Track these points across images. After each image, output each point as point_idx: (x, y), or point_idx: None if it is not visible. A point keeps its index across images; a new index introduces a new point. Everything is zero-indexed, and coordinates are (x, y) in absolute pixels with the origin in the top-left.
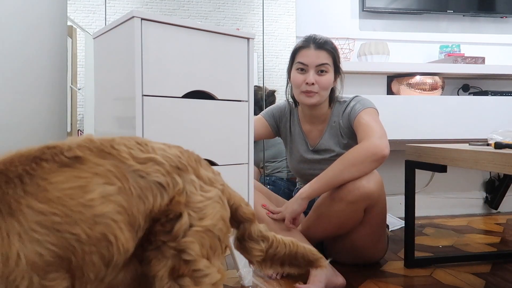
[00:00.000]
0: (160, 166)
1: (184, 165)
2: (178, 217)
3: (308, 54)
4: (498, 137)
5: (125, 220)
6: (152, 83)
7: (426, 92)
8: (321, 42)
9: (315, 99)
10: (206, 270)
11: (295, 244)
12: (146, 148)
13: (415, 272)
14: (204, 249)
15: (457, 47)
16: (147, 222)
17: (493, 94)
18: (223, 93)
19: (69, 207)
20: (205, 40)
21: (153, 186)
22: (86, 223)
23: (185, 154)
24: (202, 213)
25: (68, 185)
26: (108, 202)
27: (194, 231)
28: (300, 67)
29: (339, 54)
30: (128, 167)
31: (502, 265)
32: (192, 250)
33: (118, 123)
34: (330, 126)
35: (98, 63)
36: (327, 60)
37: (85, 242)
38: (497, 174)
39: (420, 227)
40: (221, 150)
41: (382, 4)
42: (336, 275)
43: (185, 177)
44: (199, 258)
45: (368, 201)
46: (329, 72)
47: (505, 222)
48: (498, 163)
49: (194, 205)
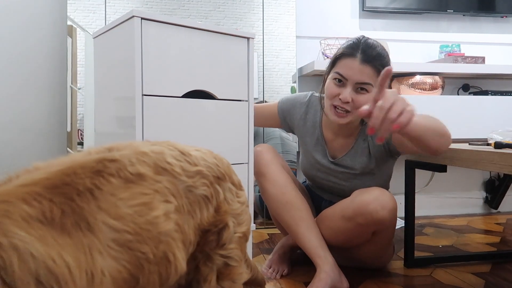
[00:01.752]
0: (205, 178)
1: (222, 174)
2: (225, 226)
3: (351, 67)
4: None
5: (180, 238)
6: (152, 82)
7: (426, 91)
8: (371, 55)
9: (346, 120)
10: (244, 272)
11: None
12: (191, 159)
13: (415, 271)
14: (243, 253)
15: (457, 47)
16: (197, 236)
17: (493, 93)
18: (223, 93)
19: (138, 224)
20: (205, 39)
21: (200, 199)
22: (153, 241)
23: (220, 162)
24: (240, 219)
25: (135, 201)
26: (169, 220)
27: (237, 237)
28: (337, 77)
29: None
30: (181, 183)
31: (502, 265)
32: (237, 256)
33: (118, 122)
34: (358, 143)
35: (98, 62)
36: (371, 80)
37: (151, 261)
38: (497, 174)
39: (420, 226)
40: (221, 150)
41: (382, 3)
42: (341, 280)
43: (224, 186)
44: (241, 263)
45: (378, 226)
46: (369, 92)
47: (505, 222)
48: (498, 162)
49: (234, 212)
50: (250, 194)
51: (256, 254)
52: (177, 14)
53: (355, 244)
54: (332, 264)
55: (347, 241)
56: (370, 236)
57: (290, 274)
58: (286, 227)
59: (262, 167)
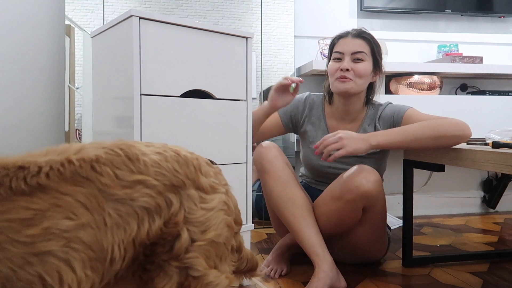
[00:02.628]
0: (150, 188)
1: (180, 181)
2: (177, 237)
3: (345, 42)
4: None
5: (84, 257)
6: (150, 82)
7: (424, 91)
8: (361, 32)
9: (350, 85)
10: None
11: None
12: (137, 165)
13: (413, 271)
14: (211, 260)
15: (455, 47)
16: (131, 250)
17: (491, 93)
18: (221, 92)
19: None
20: (203, 39)
21: (138, 211)
22: (14, 261)
23: (184, 166)
24: (204, 226)
25: (8, 216)
26: (57, 238)
27: (197, 246)
28: (336, 57)
29: (380, 49)
30: (107, 195)
31: (500, 264)
32: (198, 266)
33: (117, 122)
34: (363, 129)
35: (96, 62)
36: (364, 49)
37: (14, 281)
38: (494, 174)
39: (418, 226)
40: (220, 150)
41: (380, 3)
42: (339, 279)
43: (182, 194)
44: (207, 271)
45: (366, 200)
46: (365, 61)
47: (503, 221)
48: (495, 162)
49: (195, 220)
50: (248, 193)
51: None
52: (176, 14)
53: (349, 226)
54: (331, 263)
55: (340, 223)
56: (361, 214)
57: (288, 273)
58: (286, 224)
59: (265, 163)
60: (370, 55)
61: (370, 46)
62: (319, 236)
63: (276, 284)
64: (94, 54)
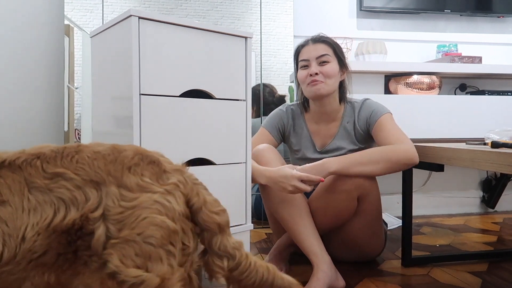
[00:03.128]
0: (67, 181)
1: (101, 178)
2: (92, 232)
3: (307, 50)
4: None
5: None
6: (149, 82)
7: (423, 91)
8: (319, 36)
9: (322, 87)
10: (134, 279)
11: (272, 273)
12: (64, 160)
13: (412, 271)
14: (128, 259)
15: (454, 47)
16: (45, 234)
17: (490, 93)
18: (220, 92)
19: None
20: (202, 39)
21: (54, 200)
22: None
23: (110, 163)
24: (121, 224)
25: None
26: None
27: (112, 243)
28: (303, 64)
29: (341, 48)
30: (29, 183)
31: (499, 264)
32: (110, 263)
33: (116, 122)
34: (343, 127)
35: (96, 62)
36: (326, 51)
37: None
38: (493, 173)
39: (417, 226)
40: (219, 149)
41: (379, 3)
42: (338, 279)
43: (102, 190)
44: (122, 269)
45: (360, 190)
46: (331, 62)
47: (502, 221)
48: (495, 162)
49: (112, 217)
50: (248, 193)
51: (254, 254)
52: (175, 14)
53: (345, 218)
54: (329, 263)
55: (337, 215)
56: (356, 204)
57: (287, 273)
58: (284, 224)
59: (263, 165)
60: (334, 55)
61: (332, 48)
62: (317, 236)
63: None
64: (93, 54)
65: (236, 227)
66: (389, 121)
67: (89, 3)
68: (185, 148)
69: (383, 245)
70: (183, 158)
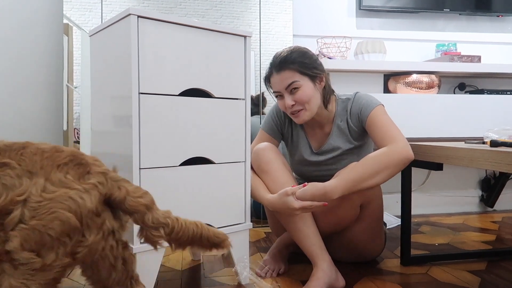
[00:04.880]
0: (12, 170)
1: (36, 169)
2: (7, 213)
3: (275, 82)
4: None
5: None
6: (148, 81)
7: (422, 90)
8: (280, 61)
9: (303, 114)
10: (23, 260)
11: (200, 227)
12: (15, 153)
13: (411, 269)
14: (28, 243)
15: (454, 46)
16: None
17: (489, 92)
18: (219, 91)
19: None
20: (202, 38)
21: (0, 186)
22: None
23: (46, 159)
24: (35, 212)
25: None
26: None
27: (20, 227)
28: (277, 95)
29: (307, 60)
30: None
31: (498, 263)
32: (11, 243)
33: (115, 121)
34: (336, 126)
35: (95, 61)
36: (292, 78)
37: None
38: (492, 172)
39: (416, 225)
40: (218, 148)
41: (379, 2)
42: (337, 278)
43: (34, 180)
44: (18, 251)
45: (363, 198)
46: (301, 87)
47: (501, 220)
48: (493, 161)
49: (30, 204)
50: (247, 192)
51: (253, 253)
52: (174, 13)
53: (346, 224)
54: (329, 262)
55: (339, 221)
56: (359, 211)
57: (287, 272)
58: (284, 224)
59: (264, 164)
60: (302, 75)
61: (296, 70)
62: (317, 235)
63: (275, 283)
64: (92, 53)
65: (235, 226)
66: (380, 116)
67: (88, 2)
68: (184, 147)
69: (383, 246)
70: (182, 157)
